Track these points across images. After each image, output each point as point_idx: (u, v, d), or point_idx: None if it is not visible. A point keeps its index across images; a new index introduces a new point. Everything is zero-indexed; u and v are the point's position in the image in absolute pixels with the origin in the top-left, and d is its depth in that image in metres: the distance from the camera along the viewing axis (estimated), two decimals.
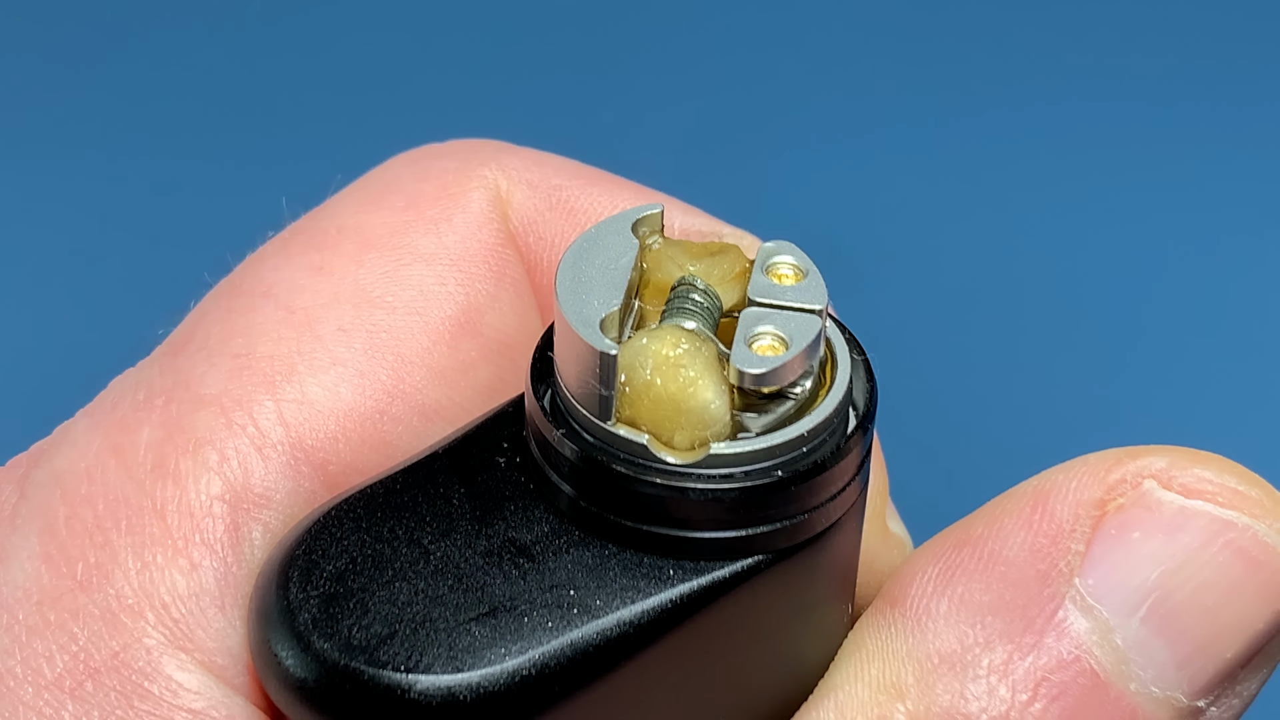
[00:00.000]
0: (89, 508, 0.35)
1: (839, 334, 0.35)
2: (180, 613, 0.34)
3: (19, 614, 0.34)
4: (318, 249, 0.39)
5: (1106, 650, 0.35)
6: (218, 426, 0.36)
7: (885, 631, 0.36)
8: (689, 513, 0.33)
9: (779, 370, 0.33)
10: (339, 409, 0.37)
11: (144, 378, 0.38)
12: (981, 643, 0.35)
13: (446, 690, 0.32)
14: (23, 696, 0.34)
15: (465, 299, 0.39)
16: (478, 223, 0.41)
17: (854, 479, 0.35)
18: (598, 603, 0.33)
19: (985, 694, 0.35)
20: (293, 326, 0.38)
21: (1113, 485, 0.36)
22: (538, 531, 0.34)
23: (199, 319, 0.39)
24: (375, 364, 0.38)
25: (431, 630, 0.33)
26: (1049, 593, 0.35)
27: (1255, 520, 0.35)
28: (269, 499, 0.36)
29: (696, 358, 0.33)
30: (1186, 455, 0.36)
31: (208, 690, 0.34)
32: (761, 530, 0.34)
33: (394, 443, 0.37)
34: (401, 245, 0.40)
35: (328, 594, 0.33)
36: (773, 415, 0.34)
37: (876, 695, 0.36)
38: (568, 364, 0.34)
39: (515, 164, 0.42)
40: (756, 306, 0.34)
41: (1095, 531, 0.36)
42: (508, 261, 0.41)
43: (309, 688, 0.33)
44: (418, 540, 0.34)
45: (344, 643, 0.33)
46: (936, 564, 0.36)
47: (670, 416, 0.33)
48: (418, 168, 0.42)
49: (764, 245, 0.35)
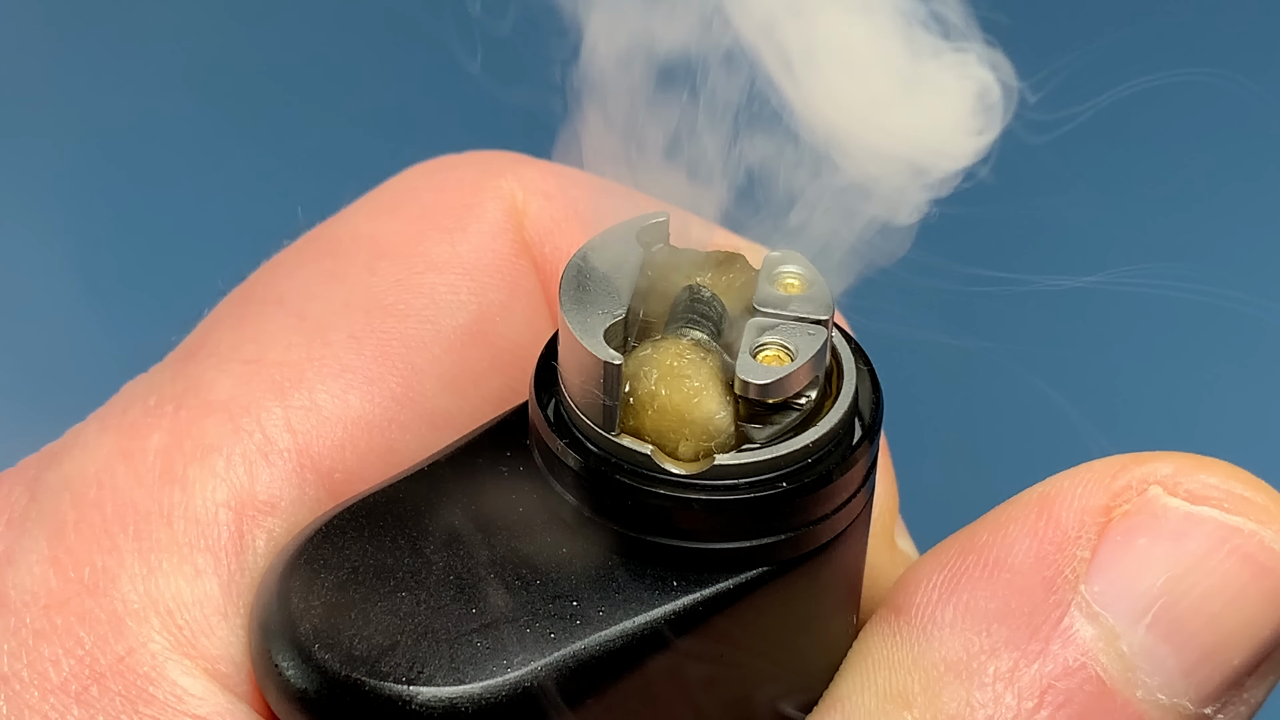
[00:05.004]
0: (97, 512, 0.33)
1: (844, 344, 0.33)
2: (185, 619, 0.33)
3: (26, 617, 0.33)
4: (331, 256, 0.37)
5: (1112, 657, 0.33)
6: (226, 433, 0.34)
7: (891, 640, 0.34)
8: (693, 524, 0.31)
9: (784, 381, 0.31)
10: (347, 416, 0.35)
11: (155, 383, 0.36)
12: (987, 650, 0.33)
13: (448, 702, 0.30)
14: (29, 700, 0.32)
15: (477, 308, 0.37)
16: (492, 233, 0.38)
17: (859, 490, 0.32)
18: (600, 614, 0.31)
19: (991, 701, 0.33)
20: (303, 333, 0.36)
21: (1118, 491, 0.34)
22: (540, 542, 0.32)
23: (211, 325, 0.37)
24: (385, 371, 0.36)
25: (433, 641, 0.31)
26: (1055, 599, 0.33)
27: (1261, 526, 0.33)
28: (274, 506, 0.34)
29: (701, 368, 0.31)
30: (1192, 461, 0.34)
31: (211, 696, 0.32)
32: (766, 541, 0.31)
33: (402, 450, 0.35)
34: (415, 254, 0.38)
35: (329, 604, 0.31)
36: (778, 426, 0.31)
37: (883, 704, 0.33)
38: (571, 374, 0.31)
39: (531, 175, 0.40)
40: (761, 316, 0.32)
41: (1101, 538, 0.33)
42: (521, 271, 0.38)
43: (310, 699, 0.31)
44: (420, 550, 0.32)
45: (345, 653, 0.31)
46: (941, 571, 0.34)
47: (674, 427, 0.31)
48: (434, 178, 0.40)
49: (769, 254, 0.33)
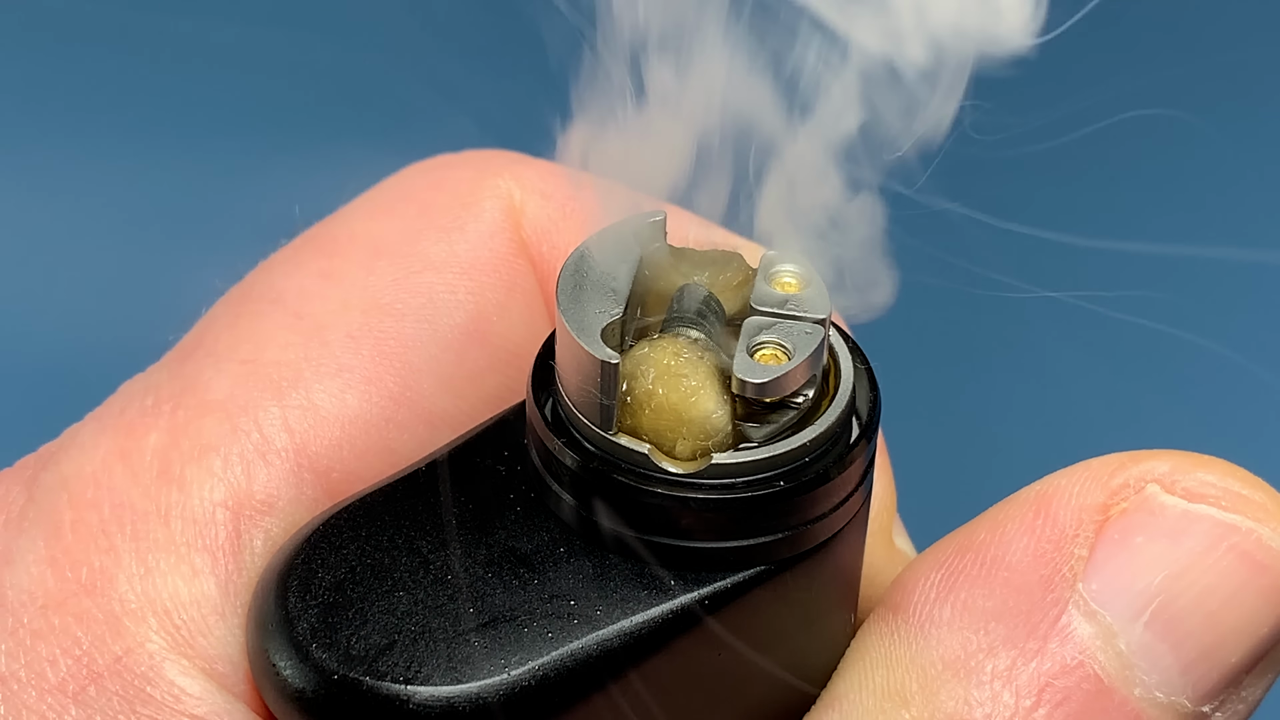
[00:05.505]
0: (94, 512, 0.33)
1: (842, 343, 0.33)
2: (182, 619, 0.32)
3: (24, 617, 0.32)
4: (328, 256, 0.37)
5: (1110, 655, 0.33)
6: (223, 432, 0.34)
7: (889, 639, 0.34)
8: (690, 523, 0.31)
9: (781, 380, 0.31)
10: (344, 416, 0.35)
11: (152, 383, 0.35)
12: (985, 648, 0.33)
13: (446, 701, 0.30)
14: (26, 700, 0.32)
15: (475, 307, 0.37)
16: (490, 232, 0.38)
17: (857, 489, 0.32)
18: (598, 613, 0.31)
19: (989, 700, 0.33)
20: (301, 333, 0.35)
21: (1116, 490, 0.33)
22: (538, 541, 0.32)
23: (208, 325, 0.37)
24: (383, 371, 0.35)
25: (431, 641, 0.30)
26: (1052, 598, 0.33)
27: (1259, 524, 0.33)
28: (272, 505, 0.33)
29: (698, 367, 0.31)
30: (1190, 459, 0.34)
31: (209, 696, 0.32)
32: (763, 540, 0.31)
33: (399, 450, 0.35)
34: (412, 253, 0.37)
35: (327, 603, 0.31)
36: (775, 425, 0.31)
37: (881, 703, 0.33)
38: (569, 373, 0.31)
39: (529, 174, 0.39)
40: (759, 315, 0.31)
41: (1098, 536, 0.33)
42: (519, 271, 0.38)
43: (307, 698, 0.30)
44: (417, 549, 0.32)
45: (343, 653, 0.30)
46: (939, 570, 0.34)
47: (672, 426, 0.31)
48: (431, 177, 0.39)
49: (767, 253, 0.32)
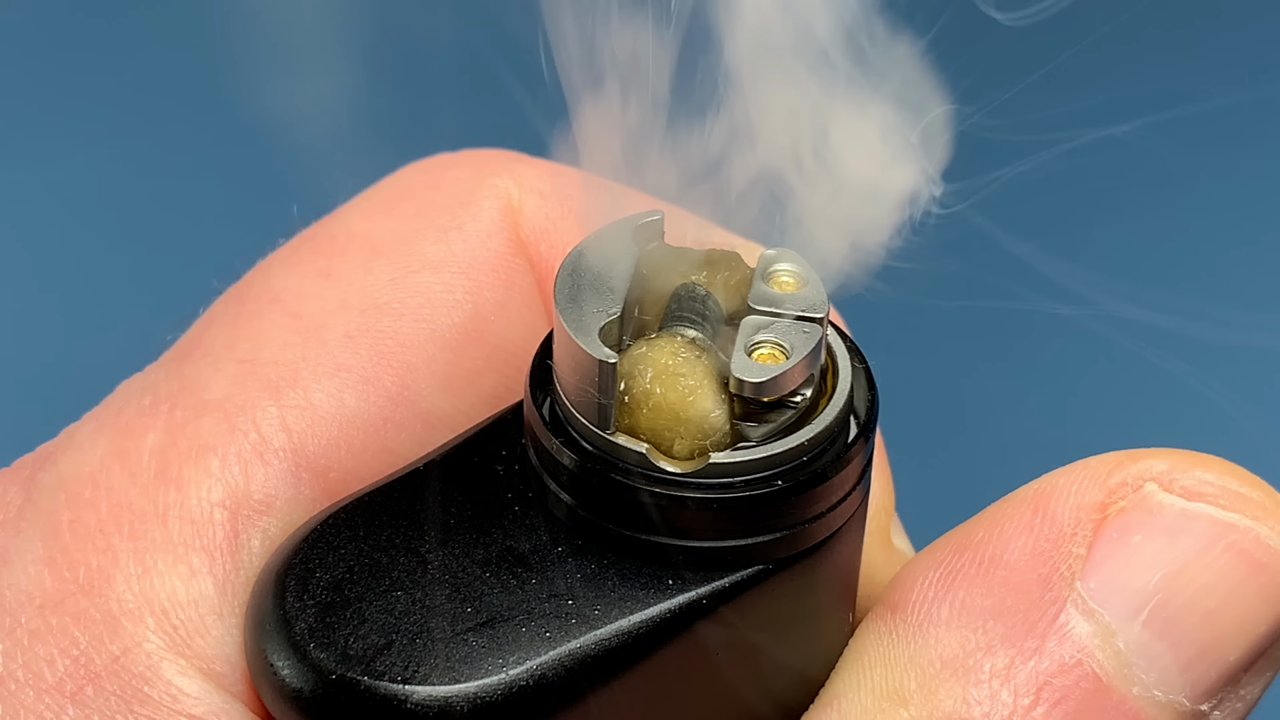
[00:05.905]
0: (92, 512, 0.33)
1: (840, 342, 0.32)
2: (180, 618, 0.32)
3: (21, 618, 0.32)
4: (326, 256, 0.37)
5: (1109, 654, 0.33)
6: (221, 432, 0.34)
7: (887, 638, 0.33)
8: (688, 522, 0.30)
9: (779, 379, 0.30)
10: (342, 415, 0.35)
11: (150, 383, 0.35)
12: (983, 647, 0.33)
13: (444, 701, 0.30)
14: (24, 700, 0.31)
15: (473, 307, 0.37)
16: (488, 231, 0.38)
17: (855, 488, 0.32)
18: (596, 612, 0.30)
19: (988, 699, 0.32)
20: (299, 333, 0.35)
21: (1114, 488, 0.33)
22: (536, 540, 0.31)
23: (206, 325, 0.36)
24: (380, 370, 0.35)
25: (429, 640, 0.30)
26: (1050, 596, 0.33)
27: (1257, 523, 0.33)
28: (269, 505, 0.33)
29: (696, 366, 0.31)
30: (1187, 458, 0.33)
31: (207, 696, 0.32)
32: (761, 540, 0.31)
33: (397, 450, 0.35)
34: (410, 253, 0.37)
35: (324, 603, 0.31)
36: (773, 424, 0.31)
37: (879, 702, 0.33)
38: (566, 372, 0.31)
39: (527, 174, 0.39)
40: (757, 314, 0.31)
41: (1096, 535, 0.33)
42: (517, 270, 0.38)
43: (305, 698, 0.30)
44: (415, 549, 0.31)
45: (340, 653, 0.30)
46: (937, 569, 0.34)
47: (669, 425, 0.31)
48: (429, 176, 0.39)
49: (764, 252, 0.32)
